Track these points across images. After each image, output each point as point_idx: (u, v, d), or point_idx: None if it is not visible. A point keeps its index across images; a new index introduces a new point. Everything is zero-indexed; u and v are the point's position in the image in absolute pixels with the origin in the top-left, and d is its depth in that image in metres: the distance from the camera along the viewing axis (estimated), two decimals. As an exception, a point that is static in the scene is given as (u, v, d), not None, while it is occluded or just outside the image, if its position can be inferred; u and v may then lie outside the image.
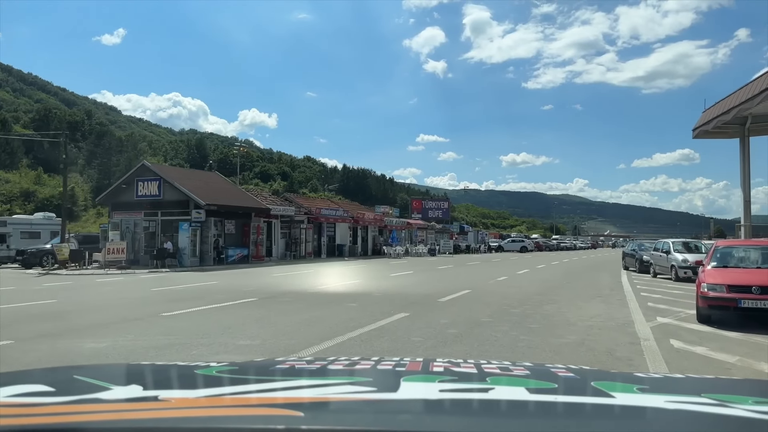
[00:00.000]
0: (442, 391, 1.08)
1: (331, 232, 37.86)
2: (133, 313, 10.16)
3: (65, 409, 0.90)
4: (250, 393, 1.06)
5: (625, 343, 7.30)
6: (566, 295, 13.74)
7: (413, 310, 10.42)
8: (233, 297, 12.34)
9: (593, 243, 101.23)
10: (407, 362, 1.34)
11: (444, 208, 60.48)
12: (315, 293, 14.14)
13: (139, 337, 7.54)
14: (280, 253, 31.75)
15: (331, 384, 1.17)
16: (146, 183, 27.87)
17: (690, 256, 18.26)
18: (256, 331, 8.02)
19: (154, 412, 0.91)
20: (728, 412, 0.94)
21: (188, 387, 1.16)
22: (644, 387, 1.16)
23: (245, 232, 28.52)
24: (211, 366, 1.32)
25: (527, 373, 1.30)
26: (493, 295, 13.46)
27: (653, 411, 0.96)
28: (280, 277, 19.72)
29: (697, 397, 1.06)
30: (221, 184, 30.45)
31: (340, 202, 49.44)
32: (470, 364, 1.36)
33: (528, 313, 10.28)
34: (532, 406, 0.99)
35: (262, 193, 33.10)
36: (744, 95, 16.97)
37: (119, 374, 1.33)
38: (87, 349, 6.78)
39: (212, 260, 26.42)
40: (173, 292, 14.22)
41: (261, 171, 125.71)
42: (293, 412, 0.85)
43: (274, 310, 10.56)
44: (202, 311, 10.36)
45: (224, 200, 27.71)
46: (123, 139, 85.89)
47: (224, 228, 27.74)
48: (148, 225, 27.79)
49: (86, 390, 1.04)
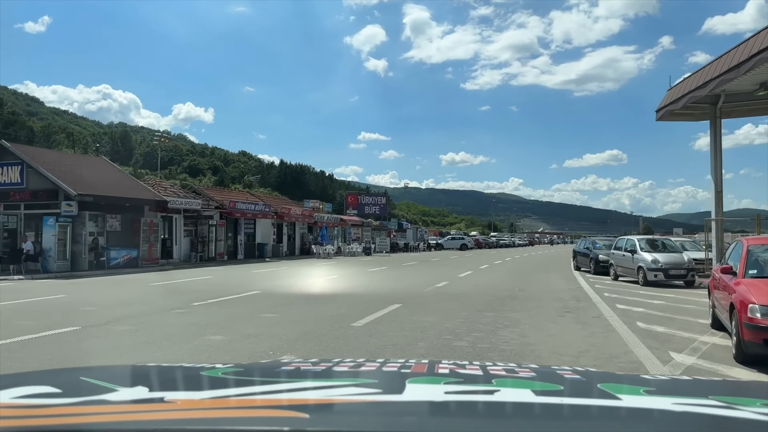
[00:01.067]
0: (447, 393, 1.07)
1: (251, 230, 33.14)
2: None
3: (72, 410, 0.91)
4: (256, 395, 1.05)
5: None
6: (525, 309, 10.28)
7: (302, 349, 6.52)
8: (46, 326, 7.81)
9: (530, 240, 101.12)
10: (412, 364, 1.33)
11: (381, 204, 56.82)
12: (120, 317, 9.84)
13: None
14: (183, 254, 26.78)
15: (336, 386, 1.15)
16: (5, 168, 22.28)
17: (661, 256, 15.41)
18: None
19: (160, 414, 0.90)
20: (735, 415, 0.92)
21: (194, 388, 1.15)
22: (651, 389, 1.15)
23: (135, 230, 23.46)
24: (216, 367, 1.32)
25: (533, 375, 1.29)
26: (431, 312, 9.76)
27: (660, 413, 0.94)
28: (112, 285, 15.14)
29: (704, 399, 1.04)
30: (108, 171, 25.03)
31: (263, 195, 44.45)
32: (476, 365, 1.36)
33: (480, 349, 6.65)
34: (538, 408, 0.98)
35: (161, 184, 27.89)
36: (725, 64, 14.21)
37: (125, 376, 1.33)
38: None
39: (88, 264, 21.25)
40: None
41: (190, 165, 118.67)
42: (298, 413, 0.85)
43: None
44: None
45: (106, 190, 22.54)
46: (36, 130, 78.54)
47: (106, 224, 22.59)
48: (6, 220, 22.15)
49: (92, 391, 1.05)
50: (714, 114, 16.90)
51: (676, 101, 16.69)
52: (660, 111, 18.08)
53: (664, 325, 8.59)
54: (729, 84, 14.60)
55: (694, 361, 6.18)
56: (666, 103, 17.62)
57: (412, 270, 23.78)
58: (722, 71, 14.11)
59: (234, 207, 29.93)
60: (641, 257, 15.59)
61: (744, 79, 14.25)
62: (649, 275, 15.03)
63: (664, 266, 14.96)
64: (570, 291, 14.09)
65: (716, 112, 16.83)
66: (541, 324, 8.68)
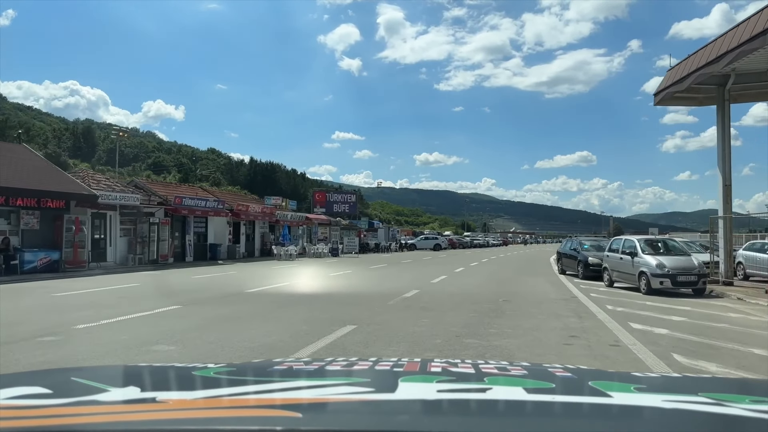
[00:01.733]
0: (440, 392, 1.07)
1: (202, 229, 29.98)
2: None
3: (63, 411, 0.90)
4: (248, 394, 1.04)
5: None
6: (516, 333, 7.78)
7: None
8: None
9: (504, 240, 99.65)
10: (405, 362, 1.33)
11: (351, 202, 54.04)
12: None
13: None
14: (119, 256, 23.53)
15: (329, 385, 1.15)
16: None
17: (667, 260, 13.18)
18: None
19: (152, 414, 0.90)
20: (725, 411, 0.93)
21: (186, 388, 1.14)
22: (641, 386, 1.15)
23: (57, 229, 20.20)
24: (209, 367, 1.31)
25: (525, 373, 1.30)
26: (392, 339, 7.14)
27: (650, 410, 0.95)
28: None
29: (694, 396, 1.04)
30: (27, 161, 21.60)
31: (216, 191, 41.08)
32: (468, 364, 1.36)
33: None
34: (530, 406, 0.98)
35: (93, 176, 24.49)
36: (742, 34, 12.05)
37: (117, 376, 1.31)
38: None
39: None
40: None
41: (155, 162, 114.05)
42: (291, 413, 0.85)
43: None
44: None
45: (22, 182, 19.24)
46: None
47: (20, 222, 19.29)
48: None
49: (84, 392, 1.04)
50: (722, 97, 14.78)
51: (680, 81, 14.52)
52: (659, 94, 15.92)
53: (713, 360, 6.20)
54: (745, 60, 12.47)
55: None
56: (666, 84, 15.45)
57: (379, 274, 21.18)
58: (741, 41, 11.91)
59: (180, 203, 26.73)
60: (643, 261, 13.33)
61: (761, 54, 12.13)
62: (654, 282, 12.78)
63: (672, 272, 12.72)
64: (564, 302, 11.69)
65: (724, 95, 14.72)
66: (544, 359, 6.18)
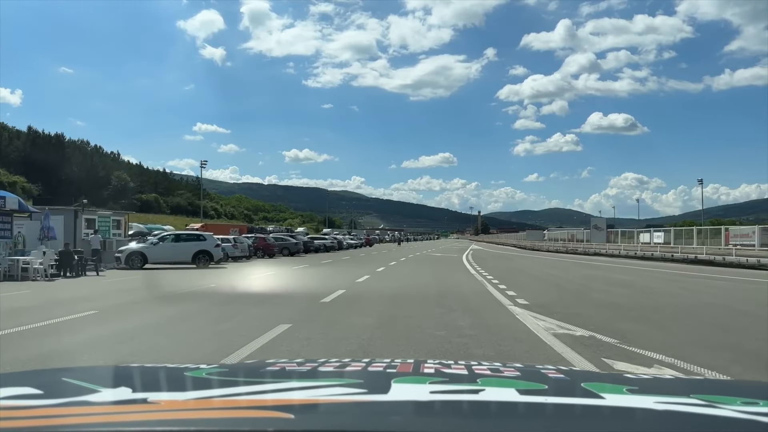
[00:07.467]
0: (432, 393, 1.06)
1: None
2: None
3: (53, 411, 0.89)
4: (240, 395, 1.03)
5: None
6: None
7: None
8: None
9: (367, 239, 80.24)
10: (398, 363, 1.33)
11: None
12: None
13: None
14: None
15: (321, 386, 1.14)
16: None
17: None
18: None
19: (143, 414, 0.90)
20: (717, 413, 0.93)
21: (177, 389, 1.13)
22: (633, 388, 1.16)
23: None
24: (200, 368, 1.30)
25: (517, 374, 1.29)
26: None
27: (642, 412, 0.95)
28: None
29: (686, 398, 1.04)
30: None
31: None
32: (461, 365, 1.35)
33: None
34: (522, 407, 0.98)
35: None
36: None
37: (108, 376, 1.29)
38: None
39: None
40: None
41: None
42: (283, 414, 0.84)
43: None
44: None
45: None
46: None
47: None
48: None
49: (75, 392, 1.04)
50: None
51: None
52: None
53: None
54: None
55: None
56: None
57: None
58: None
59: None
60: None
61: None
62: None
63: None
64: None
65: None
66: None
